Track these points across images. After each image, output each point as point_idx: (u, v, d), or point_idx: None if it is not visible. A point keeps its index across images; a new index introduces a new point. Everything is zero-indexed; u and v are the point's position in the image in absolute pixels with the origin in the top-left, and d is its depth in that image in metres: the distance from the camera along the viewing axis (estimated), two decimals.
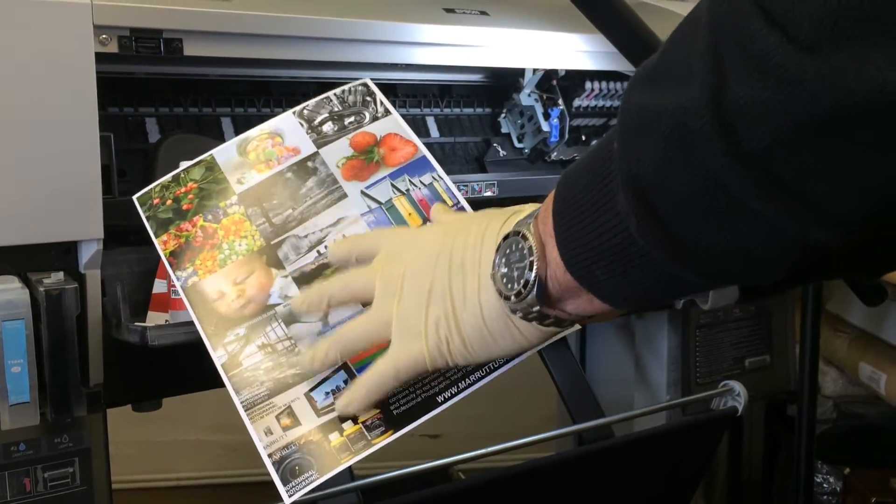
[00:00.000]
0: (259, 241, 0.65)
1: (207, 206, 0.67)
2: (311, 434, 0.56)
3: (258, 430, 0.57)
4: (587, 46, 0.96)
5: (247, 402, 0.58)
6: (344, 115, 0.72)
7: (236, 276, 0.64)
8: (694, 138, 0.35)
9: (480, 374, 0.58)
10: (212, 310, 0.62)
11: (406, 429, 0.56)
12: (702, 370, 1.16)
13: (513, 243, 0.48)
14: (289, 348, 0.60)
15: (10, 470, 0.67)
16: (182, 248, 0.65)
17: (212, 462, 1.91)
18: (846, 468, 1.38)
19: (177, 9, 0.72)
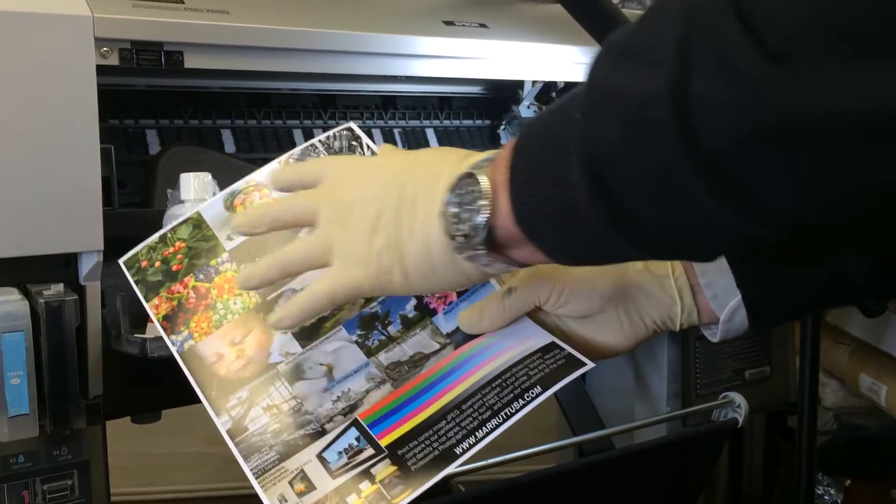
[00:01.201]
0: (254, 297, 0.64)
1: (198, 266, 0.66)
2: (328, 499, 0.54)
3: (272, 498, 0.55)
4: (586, 58, 0.97)
5: (257, 469, 0.56)
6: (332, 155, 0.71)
7: (234, 336, 0.62)
8: (653, 128, 0.36)
9: (497, 421, 0.56)
10: (211, 373, 0.61)
11: (426, 485, 0.54)
12: (702, 382, 1.16)
13: (467, 185, 0.48)
14: (295, 408, 0.59)
15: (9, 482, 0.67)
16: (175, 311, 0.64)
17: (211, 474, 1.90)
18: (847, 480, 1.37)
19: (178, 21, 0.72)
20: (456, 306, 0.64)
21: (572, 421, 0.97)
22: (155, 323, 0.64)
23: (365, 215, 0.53)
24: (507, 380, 0.58)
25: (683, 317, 0.61)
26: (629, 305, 0.61)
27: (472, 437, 0.55)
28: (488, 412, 0.56)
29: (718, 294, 0.60)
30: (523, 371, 0.58)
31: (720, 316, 0.61)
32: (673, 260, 0.59)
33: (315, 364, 0.62)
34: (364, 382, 0.60)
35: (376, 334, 0.63)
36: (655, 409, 1.17)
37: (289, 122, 0.96)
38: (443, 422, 0.56)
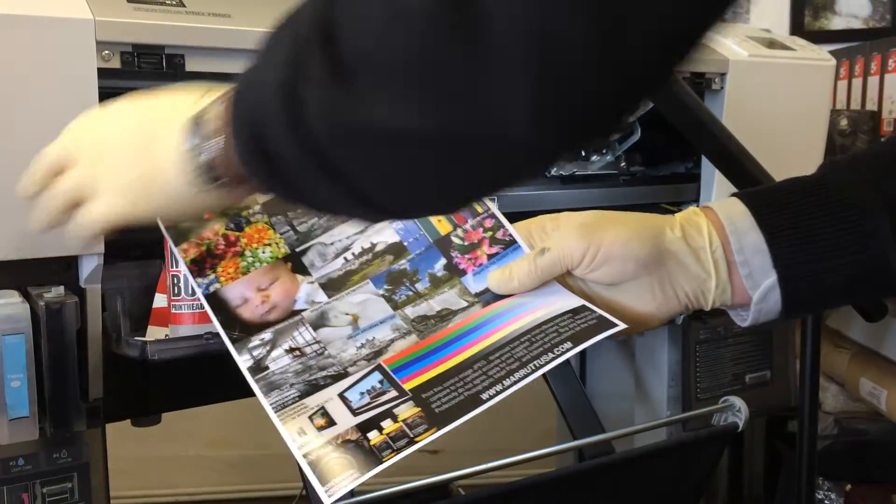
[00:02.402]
0: (283, 248, 0.64)
1: (229, 215, 0.67)
2: (349, 433, 0.53)
3: (290, 431, 0.53)
4: None
5: (276, 405, 0.55)
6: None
7: (260, 282, 0.63)
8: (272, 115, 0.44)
9: (525, 371, 0.55)
10: (235, 316, 0.61)
11: (450, 426, 0.53)
12: (702, 386, 1.16)
13: (200, 123, 0.53)
14: (318, 351, 0.59)
15: (9, 485, 0.67)
16: (203, 256, 0.64)
17: (211, 478, 1.90)
18: (847, 484, 1.37)
19: (179, 25, 0.72)
20: (486, 268, 0.64)
21: (572, 425, 0.96)
22: (182, 265, 0.64)
23: (115, 146, 0.58)
24: (536, 335, 0.57)
25: (717, 293, 0.60)
26: (663, 275, 0.60)
27: (499, 384, 0.54)
28: (516, 363, 0.55)
29: (753, 272, 0.59)
30: (553, 328, 0.57)
31: (753, 296, 0.59)
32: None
33: (340, 313, 0.61)
34: (389, 332, 0.60)
35: (403, 290, 0.63)
36: (655, 413, 1.17)
37: None
38: (469, 370, 0.55)
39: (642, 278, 0.60)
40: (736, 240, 0.59)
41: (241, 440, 1.86)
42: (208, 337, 0.67)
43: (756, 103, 1.09)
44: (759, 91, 1.09)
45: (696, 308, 0.61)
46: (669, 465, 0.95)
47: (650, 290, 0.60)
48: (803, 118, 1.15)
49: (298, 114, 0.42)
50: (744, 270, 0.59)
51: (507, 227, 0.65)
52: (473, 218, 0.65)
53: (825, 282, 0.59)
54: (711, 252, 0.60)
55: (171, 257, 0.68)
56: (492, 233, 0.66)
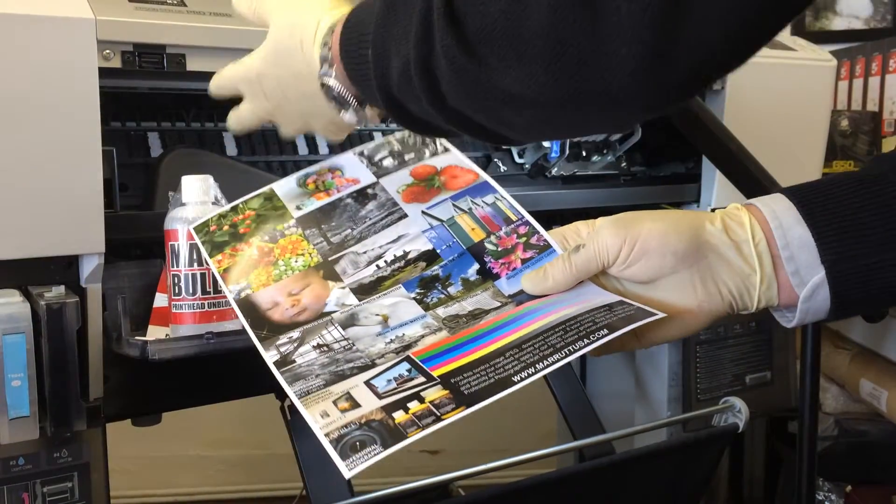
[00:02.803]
0: (316, 257, 0.65)
1: (264, 229, 0.67)
2: (373, 414, 0.51)
3: (313, 413, 0.52)
4: None
5: (300, 392, 0.54)
6: (404, 152, 0.72)
7: (291, 288, 0.63)
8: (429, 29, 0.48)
9: (559, 356, 0.53)
10: (264, 317, 0.61)
11: (478, 405, 0.51)
12: (702, 386, 1.16)
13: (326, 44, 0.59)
14: (346, 347, 0.58)
15: (9, 484, 0.67)
16: (236, 265, 0.65)
17: (211, 477, 1.90)
18: (848, 485, 1.37)
19: (180, 24, 0.72)
20: (519, 272, 0.62)
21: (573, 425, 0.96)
22: (216, 275, 0.64)
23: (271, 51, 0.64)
24: (571, 325, 0.55)
25: (763, 289, 0.57)
26: (704, 269, 0.57)
27: (531, 368, 0.52)
28: (549, 349, 0.53)
29: (800, 269, 0.56)
30: (589, 318, 0.55)
31: (800, 294, 0.56)
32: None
33: (371, 314, 0.61)
34: (420, 329, 0.59)
35: (436, 293, 0.62)
36: (656, 413, 1.17)
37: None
38: (500, 357, 0.54)
39: (682, 273, 0.57)
40: (781, 234, 0.56)
41: (241, 440, 1.86)
42: (209, 336, 0.67)
43: (757, 104, 1.09)
44: (759, 91, 1.09)
45: (741, 308, 0.58)
46: (670, 466, 0.95)
47: (691, 286, 0.57)
48: (804, 119, 1.15)
49: (434, 87, 0.49)
50: (790, 266, 0.57)
51: (542, 233, 0.65)
52: (507, 225, 0.65)
53: (876, 279, 0.56)
54: (755, 245, 0.57)
55: (172, 256, 0.68)
56: (526, 238, 0.65)
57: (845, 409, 1.45)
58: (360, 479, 0.57)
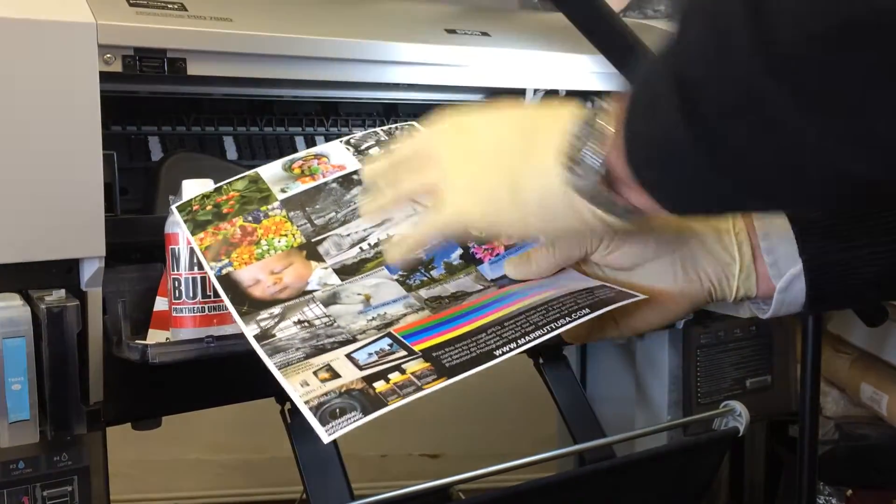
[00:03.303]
0: (299, 238, 0.64)
1: (248, 210, 0.67)
2: (353, 383, 0.51)
3: (293, 383, 0.52)
4: (588, 67, 0.97)
5: (280, 363, 0.54)
6: (391, 143, 0.72)
7: (273, 266, 0.63)
8: (732, 39, 0.35)
9: (540, 332, 0.53)
10: (246, 294, 0.61)
11: (459, 376, 0.51)
12: (703, 390, 1.15)
13: (588, 119, 0.49)
14: (327, 323, 0.58)
15: (9, 488, 0.67)
16: (218, 242, 0.64)
17: (211, 481, 1.90)
18: (848, 489, 1.37)
19: (181, 29, 0.72)
20: (503, 257, 0.63)
21: (573, 429, 0.96)
22: (196, 249, 0.64)
23: (483, 151, 0.54)
24: (553, 305, 0.56)
25: (742, 278, 0.58)
26: (685, 254, 0.58)
27: (512, 343, 0.53)
28: (532, 327, 0.54)
29: (779, 260, 0.57)
30: (571, 300, 0.56)
31: (777, 285, 0.57)
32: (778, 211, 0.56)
33: (353, 293, 0.61)
34: (402, 308, 0.59)
35: (418, 275, 0.62)
36: (656, 417, 1.17)
37: (291, 129, 0.96)
38: (482, 334, 0.54)
39: (663, 258, 0.58)
40: (761, 224, 0.57)
41: (241, 444, 1.86)
42: (209, 340, 0.67)
43: None
44: None
45: (720, 297, 0.59)
46: (670, 470, 0.95)
47: (671, 270, 0.58)
48: None
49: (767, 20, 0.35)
50: (769, 258, 0.57)
51: None
52: None
53: (853, 274, 0.57)
54: (735, 234, 0.57)
55: (173, 259, 0.68)
56: None
57: (846, 413, 1.45)
58: (361, 483, 0.57)
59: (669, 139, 0.42)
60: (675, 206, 0.47)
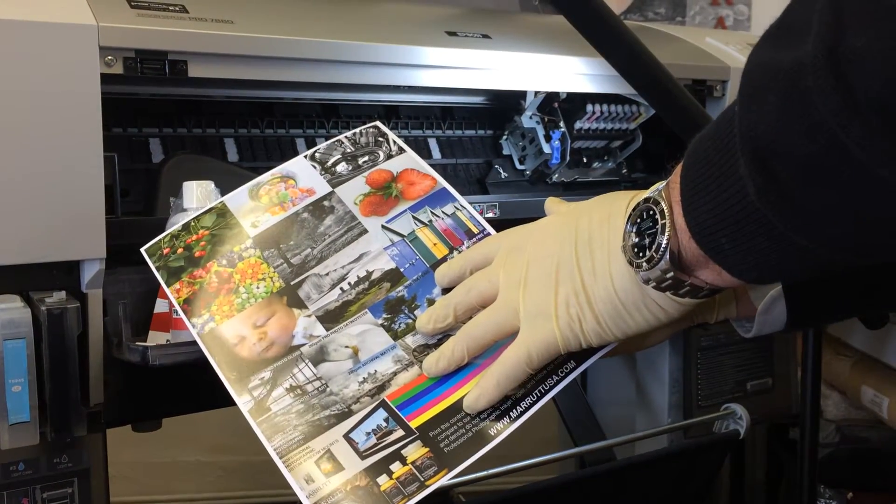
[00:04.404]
0: (278, 282, 0.63)
1: (221, 252, 0.65)
2: (357, 479, 0.52)
3: (297, 478, 0.53)
4: (588, 69, 0.97)
5: (281, 449, 0.54)
6: (357, 155, 0.71)
7: (256, 319, 0.61)
8: (810, 95, 0.34)
9: (531, 399, 0.54)
10: (233, 355, 0.60)
11: (460, 467, 0.52)
12: (703, 393, 1.15)
13: (644, 210, 0.47)
14: (319, 389, 0.58)
15: (9, 490, 0.67)
16: (196, 295, 0.63)
17: (211, 483, 1.90)
18: (849, 492, 1.37)
19: (182, 31, 0.73)
20: None
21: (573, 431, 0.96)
22: (175, 306, 0.63)
23: (544, 270, 0.52)
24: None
25: (721, 303, 0.58)
26: None
27: (506, 417, 0.54)
28: (521, 390, 0.55)
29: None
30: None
31: (758, 307, 0.57)
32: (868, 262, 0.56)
33: (340, 346, 0.60)
34: (391, 364, 0.59)
35: (403, 318, 0.62)
36: (657, 420, 1.17)
37: (291, 131, 0.96)
38: None
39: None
40: None
41: (241, 446, 1.86)
42: None
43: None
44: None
45: (700, 320, 0.59)
46: (671, 473, 0.95)
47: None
48: None
49: (848, 79, 0.34)
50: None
51: None
52: (469, 238, 0.65)
53: (832, 293, 0.58)
54: None
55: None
56: None
57: (846, 416, 1.45)
58: None
59: (741, 208, 0.40)
60: (758, 276, 0.45)
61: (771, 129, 0.37)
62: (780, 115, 0.36)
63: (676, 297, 0.48)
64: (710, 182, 0.42)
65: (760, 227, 0.40)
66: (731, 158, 0.40)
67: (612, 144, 1.13)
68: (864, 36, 0.32)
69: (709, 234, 0.43)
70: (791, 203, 0.37)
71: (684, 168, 0.45)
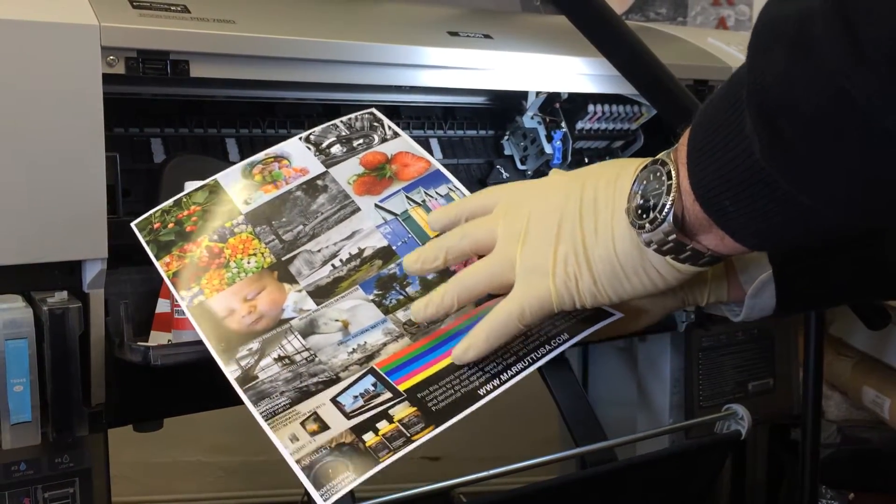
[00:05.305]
0: (269, 257, 0.63)
1: (212, 227, 0.65)
2: (343, 436, 0.51)
3: (282, 437, 0.52)
4: (590, 70, 0.97)
5: (266, 412, 0.54)
6: (352, 138, 0.71)
7: (246, 292, 0.61)
8: (816, 44, 0.33)
9: (522, 365, 0.54)
10: (221, 326, 0.59)
11: (447, 423, 0.51)
12: (704, 393, 1.15)
13: (651, 172, 0.47)
14: (308, 359, 0.57)
15: (11, 490, 0.67)
16: (186, 268, 0.63)
17: (212, 483, 1.90)
18: (850, 493, 1.37)
19: (184, 31, 0.73)
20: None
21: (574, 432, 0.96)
22: (164, 278, 0.62)
23: (545, 226, 0.51)
24: (531, 330, 0.55)
25: (713, 285, 0.58)
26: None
27: (496, 379, 0.53)
28: (513, 357, 0.54)
29: (749, 266, 0.57)
30: (549, 322, 0.56)
31: (747, 291, 0.57)
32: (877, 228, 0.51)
33: (330, 320, 0.60)
34: (381, 336, 0.59)
35: (394, 294, 0.61)
36: (658, 420, 1.16)
37: (293, 131, 0.96)
38: (465, 368, 0.54)
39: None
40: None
41: (242, 446, 1.86)
42: None
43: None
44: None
45: (692, 302, 0.59)
46: (672, 473, 0.95)
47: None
48: None
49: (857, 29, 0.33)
50: (739, 263, 0.57)
51: None
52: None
53: (823, 280, 0.58)
54: None
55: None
56: None
57: (848, 417, 1.44)
58: (361, 486, 0.57)
59: (746, 168, 0.39)
60: (760, 242, 0.45)
61: (777, 81, 0.36)
62: (787, 65, 0.35)
63: (676, 262, 0.47)
64: (717, 142, 0.41)
65: (765, 187, 0.39)
66: (738, 117, 0.39)
67: (614, 145, 1.13)
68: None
69: (713, 195, 0.42)
70: (796, 159, 0.37)
71: (692, 130, 0.44)
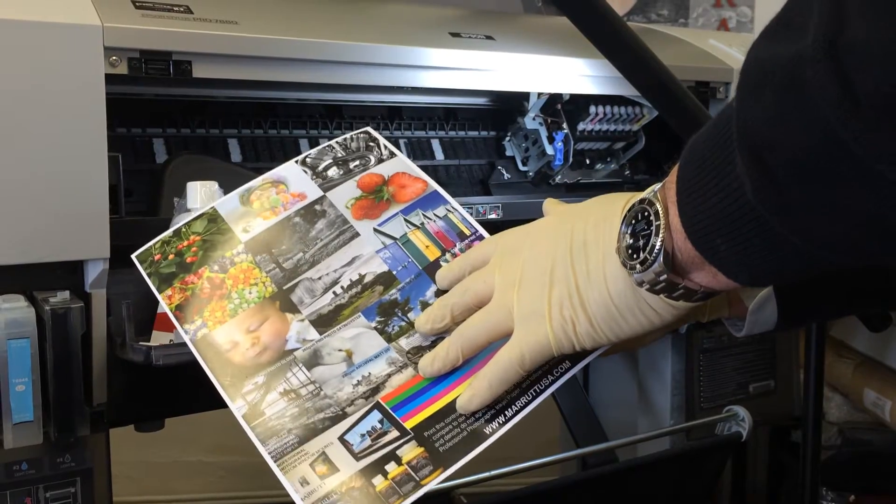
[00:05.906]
0: (270, 287, 0.63)
1: (213, 257, 0.65)
2: (352, 480, 0.52)
3: (292, 480, 0.53)
4: (592, 71, 0.97)
5: (275, 453, 0.54)
6: (348, 159, 0.71)
7: (249, 324, 0.61)
8: (807, 88, 0.33)
9: (526, 399, 0.54)
10: (226, 360, 0.59)
11: (455, 466, 0.52)
12: (706, 395, 1.15)
13: (639, 211, 0.47)
14: (314, 392, 0.57)
15: (12, 489, 0.67)
16: (188, 301, 0.63)
17: (213, 483, 1.90)
18: (851, 495, 1.37)
19: (186, 31, 0.73)
20: None
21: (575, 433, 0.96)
22: (168, 313, 0.63)
23: (538, 271, 0.52)
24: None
25: (713, 304, 0.58)
26: None
27: (501, 416, 0.54)
28: (516, 390, 0.55)
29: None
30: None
31: (749, 307, 0.57)
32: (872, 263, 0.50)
33: (333, 350, 0.60)
34: (385, 366, 0.59)
35: (396, 320, 0.61)
36: (659, 422, 1.16)
37: (295, 131, 0.96)
38: None
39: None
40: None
41: (243, 446, 1.85)
42: None
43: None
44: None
45: (692, 319, 0.59)
46: (673, 474, 0.95)
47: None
48: None
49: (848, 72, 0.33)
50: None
51: None
52: (461, 241, 0.64)
53: (822, 294, 0.58)
54: None
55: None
56: None
57: (849, 419, 1.44)
58: None
59: (738, 207, 0.39)
60: (753, 279, 0.44)
61: (768, 124, 0.36)
62: (778, 108, 0.35)
63: (670, 300, 0.47)
64: (707, 181, 0.41)
65: (757, 226, 0.39)
66: (728, 156, 0.39)
67: (615, 146, 1.13)
68: (866, 28, 0.31)
69: (704, 234, 0.42)
70: (788, 201, 0.37)
71: (680, 168, 0.44)
